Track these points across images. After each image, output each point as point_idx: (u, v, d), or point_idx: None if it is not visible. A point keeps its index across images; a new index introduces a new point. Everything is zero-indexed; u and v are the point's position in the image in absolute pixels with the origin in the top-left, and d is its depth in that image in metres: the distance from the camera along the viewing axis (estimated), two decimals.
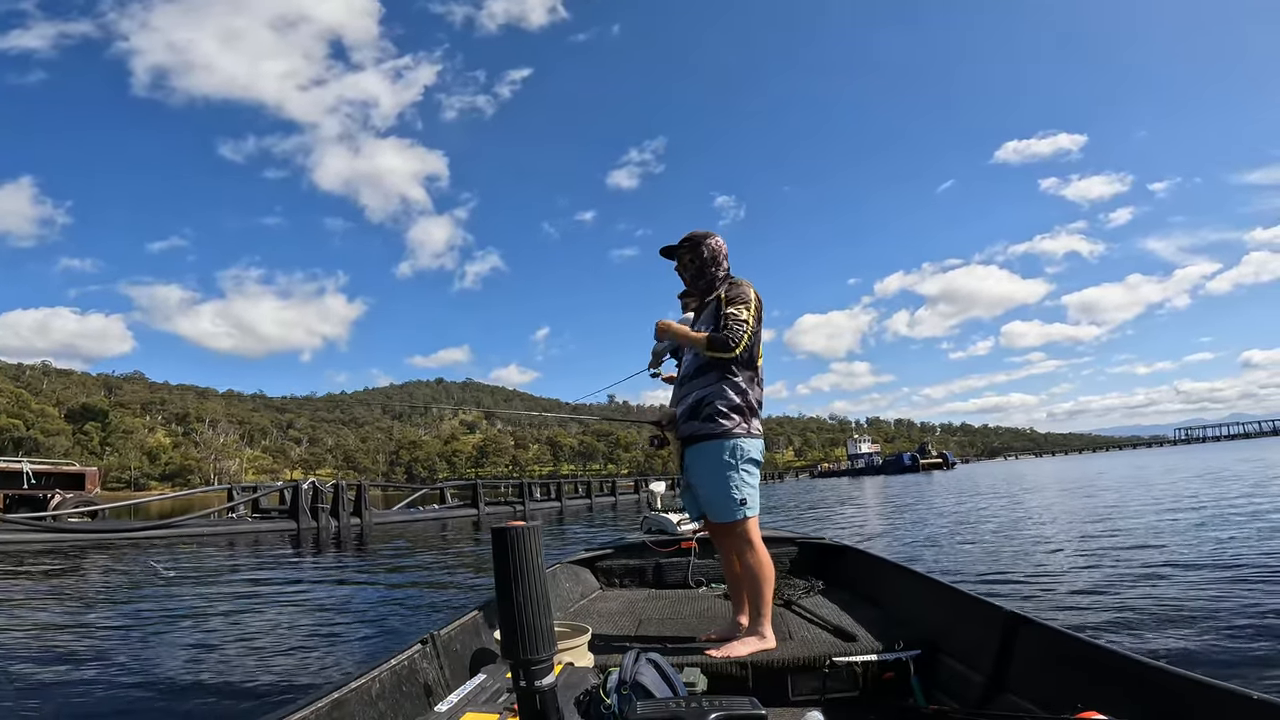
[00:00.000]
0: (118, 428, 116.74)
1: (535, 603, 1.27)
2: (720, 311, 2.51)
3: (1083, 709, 1.39)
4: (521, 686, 1.28)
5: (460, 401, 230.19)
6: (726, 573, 2.71)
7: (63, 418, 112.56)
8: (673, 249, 2.74)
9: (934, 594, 2.53)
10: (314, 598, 6.09)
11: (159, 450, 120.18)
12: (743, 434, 2.48)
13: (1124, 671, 1.55)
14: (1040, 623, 1.89)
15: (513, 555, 1.27)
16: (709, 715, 1.30)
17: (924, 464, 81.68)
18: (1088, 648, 1.67)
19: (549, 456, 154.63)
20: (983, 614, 2.11)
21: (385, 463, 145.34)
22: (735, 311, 2.47)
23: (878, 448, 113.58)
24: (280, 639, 4.38)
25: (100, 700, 3.21)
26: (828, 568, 3.55)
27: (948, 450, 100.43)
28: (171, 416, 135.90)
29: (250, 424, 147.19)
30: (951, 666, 2.11)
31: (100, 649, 4.20)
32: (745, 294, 2.52)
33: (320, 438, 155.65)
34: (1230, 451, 46.57)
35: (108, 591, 6.70)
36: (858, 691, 2.18)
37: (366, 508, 16.01)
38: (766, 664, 2.25)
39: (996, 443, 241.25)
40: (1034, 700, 1.74)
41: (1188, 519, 8.64)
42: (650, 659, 1.72)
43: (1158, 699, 1.44)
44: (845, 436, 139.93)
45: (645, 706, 1.41)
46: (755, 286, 2.57)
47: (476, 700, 1.50)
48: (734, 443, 2.47)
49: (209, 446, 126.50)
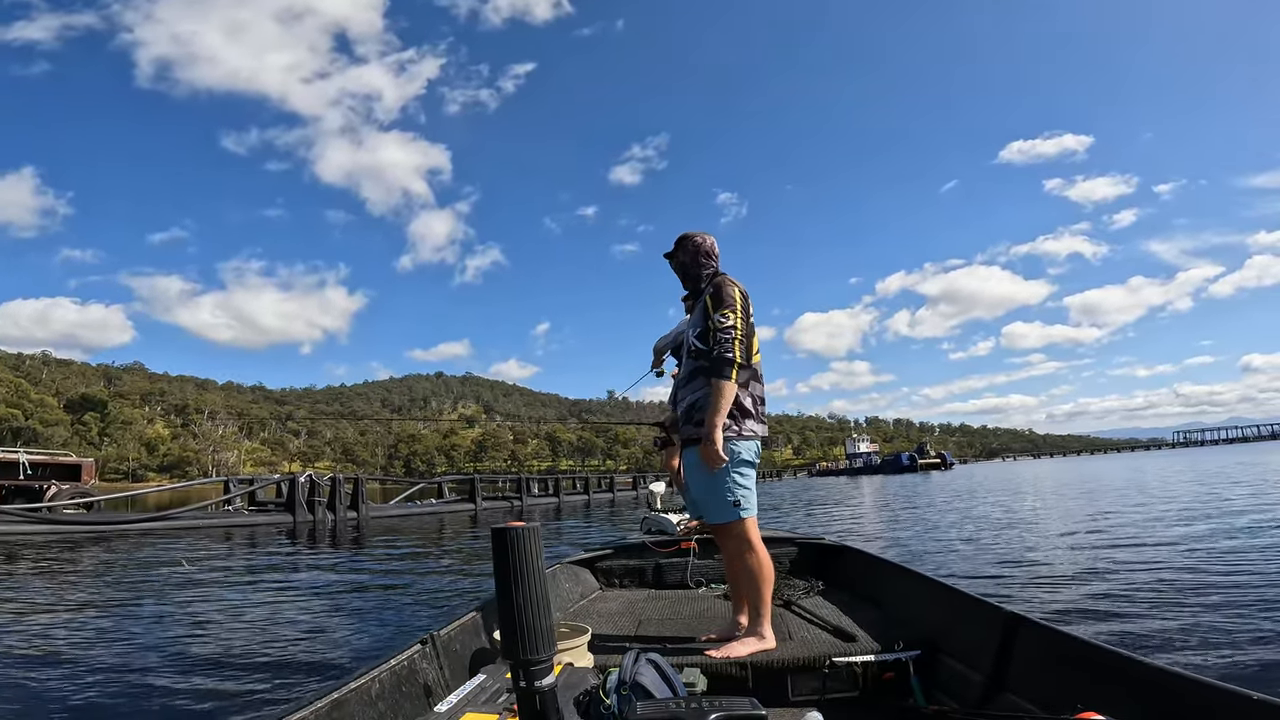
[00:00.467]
0: (116, 418, 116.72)
1: (535, 603, 1.27)
2: (708, 313, 2.52)
3: (1083, 709, 1.38)
4: (521, 687, 1.28)
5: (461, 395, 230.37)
6: (727, 573, 2.72)
7: (62, 408, 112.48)
8: (672, 252, 2.78)
9: (934, 594, 2.53)
10: (310, 593, 6.08)
11: (157, 441, 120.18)
12: (733, 436, 2.47)
13: (1124, 671, 1.55)
14: (1040, 623, 1.89)
15: (513, 556, 1.27)
16: (709, 715, 1.30)
17: (922, 464, 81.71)
18: (1087, 648, 1.67)
19: (548, 452, 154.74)
20: (982, 614, 2.11)
21: (384, 456, 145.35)
22: (721, 318, 2.47)
23: (876, 447, 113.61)
24: (276, 635, 4.36)
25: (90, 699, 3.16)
26: (827, 568, 3.56)
27: (946, 451, 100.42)
28: (171, 408, 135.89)
29: (249, 416, 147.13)
30: (951, 666, 2.11)
31: (90, 646, 4.16)
32: (730, 294, 2.51)
33: (319, 430, 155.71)
34: (1228, 455, 46.64)
35: (98, 586, 6.67)
36: (857, 692, 2.18)
37: (363, 501, 16.00)
38: (766, 664, 2.25)
39: (995, 444, 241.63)
40: (1034, 700, 1.74)
41: (1184, 520, 8.65)
42: (650, 659, 1.72)
43: (1158, 699, 1.44)
44: (844, 435, 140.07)
45: (645, 707, 1.40)
46: (752, 284, 2.59)
47: (476, 700, 1.50)
48: (725, 445, 2.46)
49: (207, 438, 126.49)
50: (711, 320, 2.49)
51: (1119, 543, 7.16)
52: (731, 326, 2.45)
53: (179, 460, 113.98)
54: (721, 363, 2.43)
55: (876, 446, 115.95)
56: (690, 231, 2.74)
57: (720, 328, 2.46)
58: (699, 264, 2.69)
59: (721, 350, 2.44)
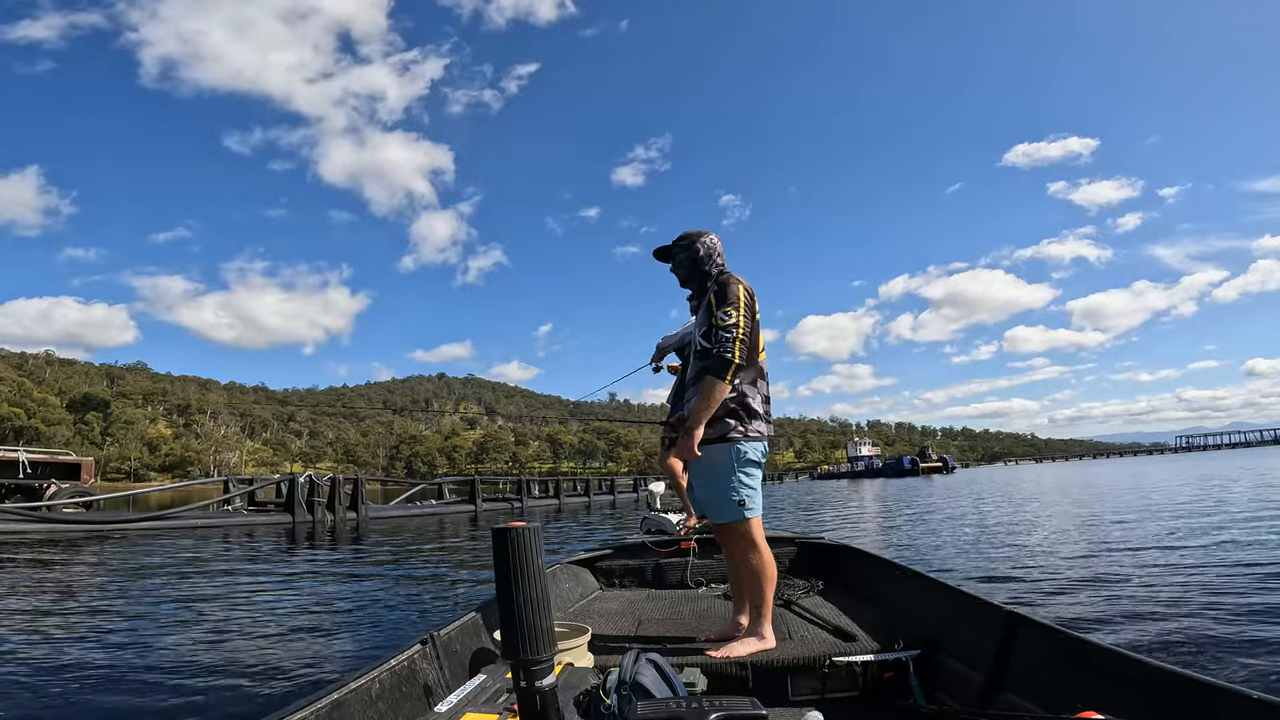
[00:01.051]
0: (119, 418, 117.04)
1: (535, 603, 1.27)
2: (712, 312, 2.48)
3: (1083, 709, 1.38)
4: (521, 687, 1.29)
5: (462, 396, 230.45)
6: (729, 573, 2.71)
7: (64, 407, 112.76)
8: (667, 250, 2.72)
9: (933, 594, 2.53)
10: (308, 593, 6.07)
11: (159, 441, 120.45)
12: (739, 437, 2.46)
13: (1124, 671, 1.56)
14: (1040, 622, 1.89)
15: (513, 556, 1.28)
16: (709, 715, 1.29)
17: (924, 468, 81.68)
18: (1087, 647, 1.67)
19: (549, 453, 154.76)
20: (982, 614, 2.11)
21: (385, 457, 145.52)
22: (724, 315, 2.42)
23: (878, 450, 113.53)
24: (273, 636, 4.33)
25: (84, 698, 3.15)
26: (827, 568, 3.56)
27: (948, 454, 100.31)
28: (173, 408, 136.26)
29: (252, 416, 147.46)
30: (951, 666, 2.11)
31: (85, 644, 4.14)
32: (733, 292, 2.45)
33: (321, 431, 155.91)
34: (1232, 459, 46.53)
35: (95, 585, 6.66)
36: (857, 691, 2.18)
37: (363, 502, 15.98)
38: (766, 664, 2.25)
39: (997, 448, 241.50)
40: (1034, 700, 1.74)
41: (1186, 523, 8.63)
42: (650, 659, 1.71)
43: (1158, 699, 1.44)
44: (846, 439, 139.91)
45: (645, 707, 1.40)
46: (755, 286, 2.55)
47: (476, 701, 1.50)
48: (731, 445, 2.46)
49: (210, 438, 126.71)
50: (714, 318, 2.45)
51: (1118, 544, 7.14)
52: (734, 325, 2.40)
53: (181, 460, 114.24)
54: (718, 362, 2.39)
55: (878, 450, 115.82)
56: (693, 230, 2.69)
57: (722, 325, 2.41)
58: (707, 263, 2.64)
59: (721, 349, 2.39)
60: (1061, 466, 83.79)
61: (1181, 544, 6.87)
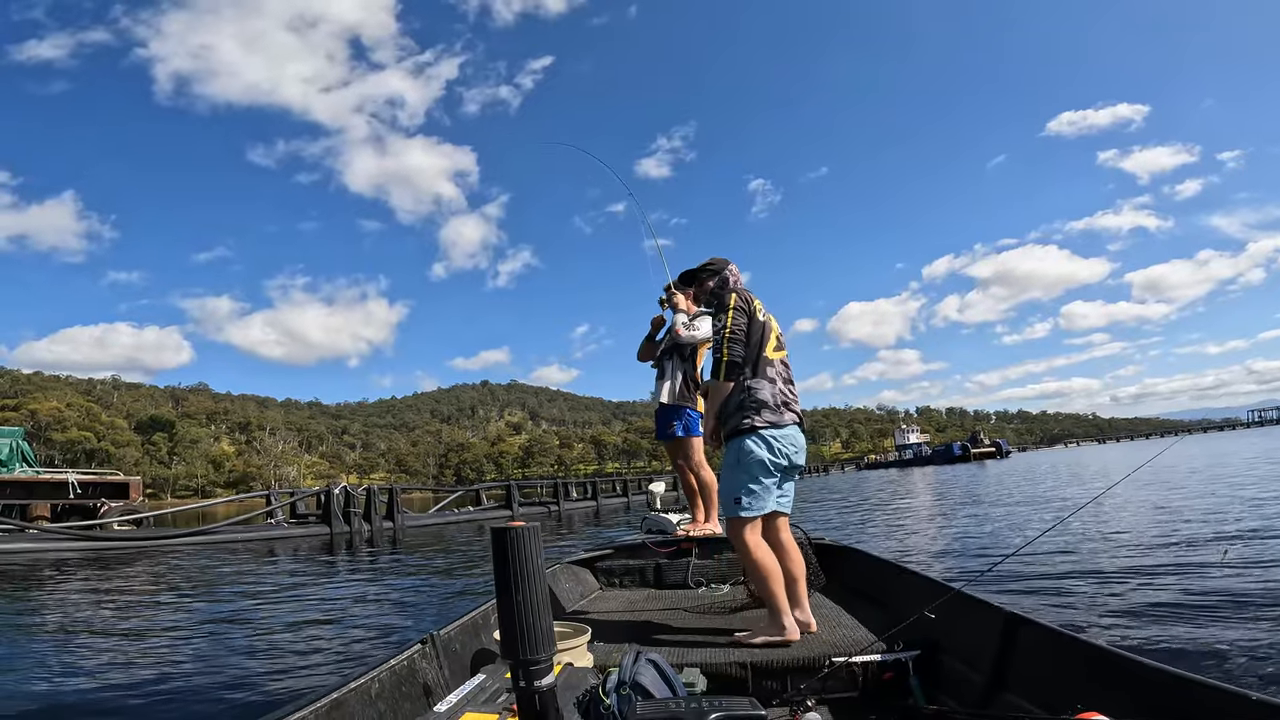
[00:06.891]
0: (184, 438, 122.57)
1: (535, 603, 1.31)
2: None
3: (1083, 709, 1.40)
4: (521, 687, 1.33)
5: (506, 403, 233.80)
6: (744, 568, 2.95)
7: (132, 429, 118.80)
8: (694, 274, 3.02)
9: (934, 594, 2.53)
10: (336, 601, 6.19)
11: (223, 458, 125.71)
12: (747, 429, 2.61)
13: (1124, 671, 1.56)
14: (1040, 623, 1.90)
15: (513, 555, 1.31)
16: (709, 715, 1.34)
17: (976, 453, 79.26)
18: (1088, 648, 1.68)
19: (593, 455, 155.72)
20: (982, 614, 2.11)
21: (435, 465, 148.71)
22: (717, 322, 2.77)
23: (927, 437, 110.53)
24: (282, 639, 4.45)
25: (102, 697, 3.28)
26: (828, 567, 3.54)
27: (1003, 439, 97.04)
28: (234, 425, 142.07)
29: (308, 431, 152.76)
30: (951, 666, 2.13)
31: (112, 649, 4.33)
32: (725, 302, 2.76)
33: (373, 443, 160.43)
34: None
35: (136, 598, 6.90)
36: (858, 691, 2.20)
37: (399, 511, 16.23)
38: (766, 664, 2.28)
39: (1056, 429, 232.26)
40: (1034, 700, 1.75)
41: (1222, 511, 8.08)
42: (650, 659, 1.77)
43: (1157, 699, 1.45)
44: (894, 427, 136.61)
45: (645, 707, 1.45)
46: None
47: (476, 700, 1.55)
48: (739, 440, 2.63)
49: (269, 454, 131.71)
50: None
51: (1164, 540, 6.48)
52: (722, 328, 2.69)
53: (243, 476, 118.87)
54: (713, 365, 2.72)
55: (927, 437, 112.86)
56: (717, 259, 2.98)
57: (716, 332, 2.74)
58: (722, 287, 2.91)
59: (715, 354, 2.72)
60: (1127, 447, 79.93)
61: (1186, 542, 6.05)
